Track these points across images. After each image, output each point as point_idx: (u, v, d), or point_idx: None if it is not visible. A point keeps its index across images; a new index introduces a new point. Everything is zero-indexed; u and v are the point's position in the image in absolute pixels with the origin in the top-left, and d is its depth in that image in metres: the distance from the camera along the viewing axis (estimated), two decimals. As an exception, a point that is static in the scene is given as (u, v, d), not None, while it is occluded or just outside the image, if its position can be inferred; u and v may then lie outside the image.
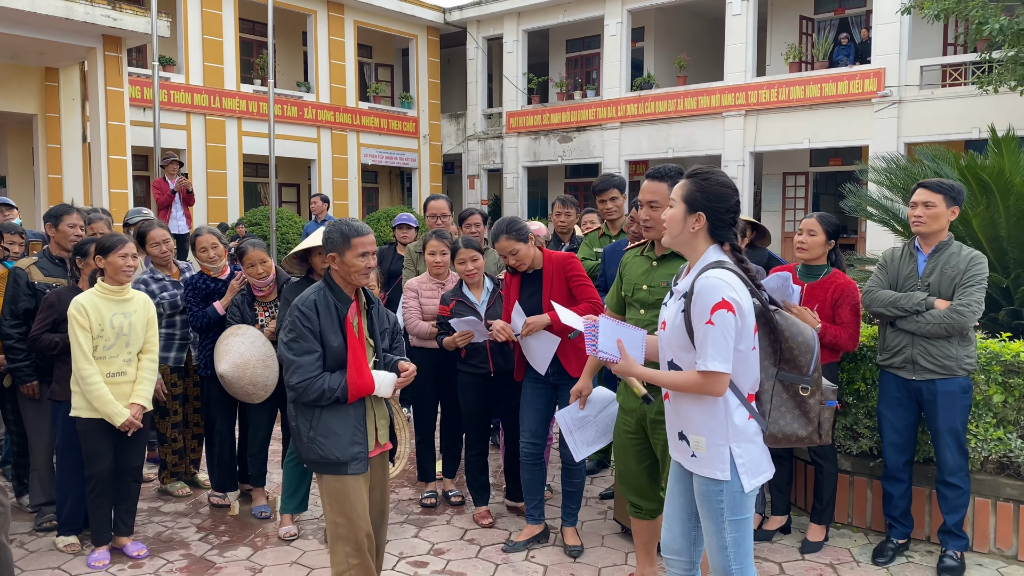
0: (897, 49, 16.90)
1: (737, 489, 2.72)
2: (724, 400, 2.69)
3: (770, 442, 2.77)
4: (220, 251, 5.07)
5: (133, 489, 4.45)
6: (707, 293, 2.62)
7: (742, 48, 18.90)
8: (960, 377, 4.06)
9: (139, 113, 16.19)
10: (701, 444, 2.74)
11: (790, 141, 18.54)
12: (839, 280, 4.36)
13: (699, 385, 2.65)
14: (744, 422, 2.72)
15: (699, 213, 2.75)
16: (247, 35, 20.44)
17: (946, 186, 4.11)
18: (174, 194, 11.31)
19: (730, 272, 2.67)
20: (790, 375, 2.74)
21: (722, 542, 2.77)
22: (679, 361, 2.78)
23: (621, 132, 21.11)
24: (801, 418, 2.76)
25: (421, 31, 23.29)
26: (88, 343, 4.17)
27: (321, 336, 3.25)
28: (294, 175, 22.13)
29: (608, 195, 5.42)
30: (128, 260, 4.26)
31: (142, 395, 4.34)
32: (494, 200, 24.25)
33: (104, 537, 4.35)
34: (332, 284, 3.32)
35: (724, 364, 2.60)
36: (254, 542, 4.61)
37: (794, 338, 2.72)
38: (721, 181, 2.78)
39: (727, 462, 2.70)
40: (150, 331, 4.44)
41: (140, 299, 4.42)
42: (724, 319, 2.59)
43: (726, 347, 2.60)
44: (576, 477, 4.44)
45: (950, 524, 4.15)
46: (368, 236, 3.28)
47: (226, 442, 5.09)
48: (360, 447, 3.33)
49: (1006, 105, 14.52)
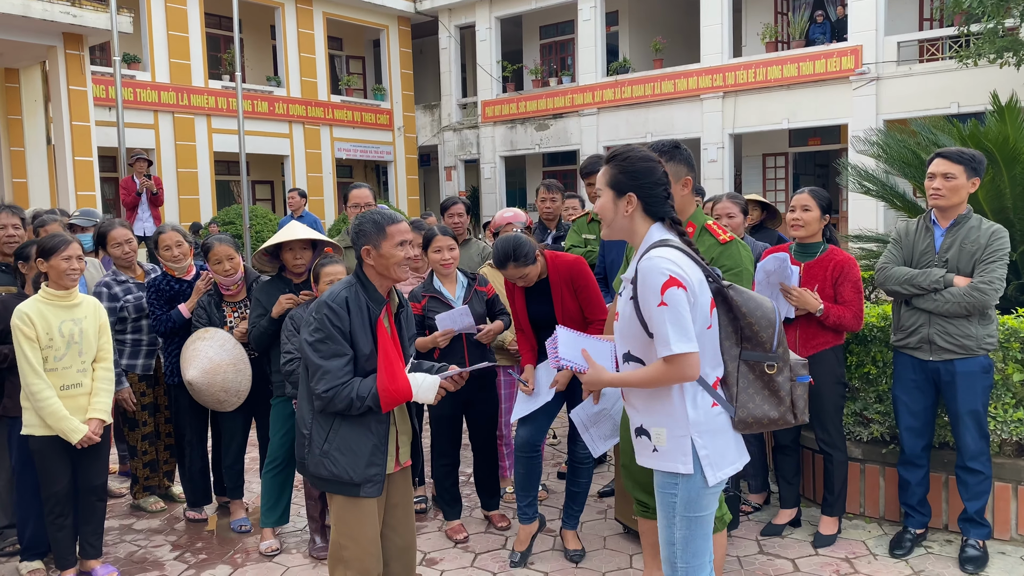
0: (874, 25, 16.75)
1: (699, 484, 2.52)
2: (680, 386, 2.49)
3: (740, 428, 2.57)
4: (185, 250, 4.75)
5: (98, 508, 4.11)
6: (651, 274, 2.43)
7: (718, 29, 18.68)
8: (980, 356, 3.83)
9: (104, 113, 15.72)
10: (662, 436, 2.55)
11: (769, 122, 18.37)
12: (837, 257, 4.11)
13: (669, 373, 2.44)
14: (707, 409, 2.52)
15: (628, 195, 2.58)
16: (214, 30, 19.95)
17: (967, 156, 3.85)
18: (140, 195, 10.94)
19: (673, 249, 2.49)
20: (753, 353, 2.55)
21: (671, 537, 2.60)
22: (637, 352, 2.57)
23: (598, 118, 20.86)
24: (771, 398, 2.56)
25: (392, 21, 22.89)
26: (36, 355, 3.82)
27: (352, 338, 2.91)
28: (267, 172, 21.70)
29: (593, 178, 5.16)
30: (72, 263, 3.88)
31: (100, 408, 3.98)
32: (472, 191, 23.93)
33: (68, 561, 4.02)
34: (365, 281, 2.97)
35: (688, 343, 2.40)
36: (233, 559, 4.31)
37: (752, 313, 2.52)
38: (642, 156, 2.61)
39: (689, 454, 2.50)
40: (103, 337, 4.08)
41: (89, 304, 4.06)
42: (675, 296, 2.40)
43: (685, 325, 2.40)
44: (583, 476, 4.17)
45: (972, 512, 3.94)
46: (403, 224, 2.97)
47: (197, 453, 4.78)
48: (378, 468, 2.99)
49: (985, 78, 14.39)
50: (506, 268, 3.92)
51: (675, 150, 3.25)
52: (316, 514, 4.34)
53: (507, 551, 4.27)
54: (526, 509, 4.20)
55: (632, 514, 4.19)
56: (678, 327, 2.39)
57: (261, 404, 4.63)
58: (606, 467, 5.45)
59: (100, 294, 4.69)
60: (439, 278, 4.44)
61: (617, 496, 4.44)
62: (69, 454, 3.95)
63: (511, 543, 4.37)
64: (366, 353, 2.93)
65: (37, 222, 5.04)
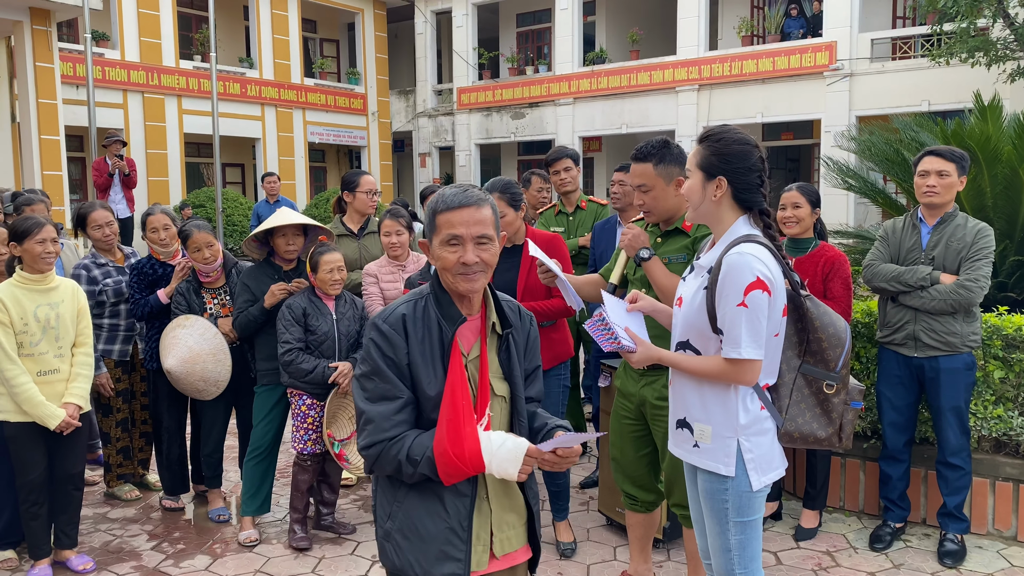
0: (848, 22, 16.90)
1: (744, 488, 2.45)
2: (736, 387, 2.42)
3: (784, 440, 2.49)
4: (172, 233, 4.64)
5: (74, 498, 4.00)
6: (739, 271, 2.32)
7: (694, 22, 18.73)
8: (964, 354, 3.87)
9: (72, 91, 15.39)
10: (706, 434, 2.47)
11: (743, 115, 18.46)
12: (828, 253, 4.12)
13: (728, 373, 2.37)
14: (756, 413, 2.44)
15: (719, 178, 2.45)
16: (185, 9, 19.59)
17: (957, 154, 3.88)
18: (111, 176, 10.72)
19: (762, 247, 2.37)
20: (815, 369, 2.46)
21: (726, 544, 2.52)
22: (696, 343, 2.49)
23: (574, 108, 20.84)
24: (822, 417, 2.48)
25: (367, 5, 22.64)
26: (10, 340, 3.71)
27: (411, 372, 2.05)
28: (238, 155, 21.40)
29: (561, 164, 5.16)
30: (47, 246, 3.78)
31: (77, 393, 3.88)
32: (446, 178, 23.81)
33: (42, 551, 3.92)
34: (438, 290, 2.11)
35: (758, 351, 2.33)
36: (212, 549, 4.25)
37: (824, 329, 2.43)
38: (738, 138, 2.47)
39: (733, 456, 2.43)
40: (82, 322, 3.97)
41: (67, 287, 3.94)
42: (758, 300, 2.31)
43: (760, 331, 2.33)
44: (560, 478, 4.12)
45: (951, 506, 3.99)
46: (465, 210, 2.04)
47: (175, 441, 4.69)
48: (457, 564, 2.03)
49: (956, 77, 14.61)
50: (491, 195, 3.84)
51: (664, 149, 3.15)
52: (300, 505, 4.28)
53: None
54: None
55: (617, 506, 4.20)
56: (752, 332, 2.32)
57: (242, 392, 4.56)
58: (586, 458, 5.45)
59: (79, 276, 4.58)
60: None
61: (601, 488, 4.44)
62: (45, 441, 3.86)
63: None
64: (431, 395, 2.05)
65: (21, 200, 4.89)
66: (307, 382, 4.11)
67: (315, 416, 4.20)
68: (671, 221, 3.25)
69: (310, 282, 4.18)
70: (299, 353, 4.08)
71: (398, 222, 4.65)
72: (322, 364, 4.12)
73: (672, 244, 3.25)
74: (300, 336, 4.10)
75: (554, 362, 3.91)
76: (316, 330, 4.14)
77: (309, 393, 4.17)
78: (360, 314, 4.35)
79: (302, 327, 4.11)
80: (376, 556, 4.12)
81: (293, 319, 4.06)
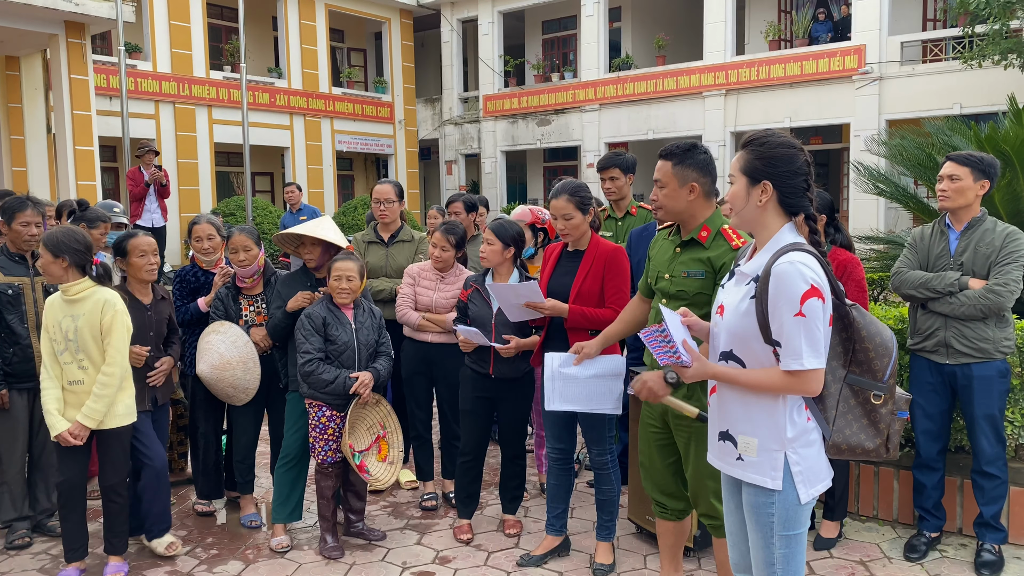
0: (877, 25, 16.72)
1: (792, 501, 2.40)
2: (784, 399, 2.38)
3: (832, 452, 2.45)
4: (216, 243, 4.71)
5: (112, 508, 4.02)
6: (793, 280, 2.28)
7: (721, 27, 18.64)
8: (997, 360, 3.83)
9: (105, 102, 15.62)
10: (752, 447, 2.43)
11: (771, 120, 18.31)
12: (840, 257, 4.11)
13: (790, 385, 2.33)
14: (803, 425, 2.40)
15: (764, 183, 2.42)
16: (215, 20, 19.83)
17: (974, 158, 3.86)
18: (148, 186, 10.89)
19: (809, 255, 2.34)
20: (861, 379, 2.41)
21: (770, 558, 2.47)
22: (741, 353, 2.45)
23: (600, 114, 20.80)
24: (869, 428, 2.43)
25: (394, 14, 22.79)
26: (47, 346, 3.84)
27: None
28: (267, 163, 21.61)
29: (608, 174, 5.11)
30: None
31: (86, 413, 3.80)
32: (472, 185, 23.87)
33: (75, 554, 3.97)
34: None
35: (819, 359, 2.30)
36: (245, 555, 4.29)
37: (871, 338, 2.39)
38: (782, 142, 2.43)
39: (780, 469, 2.39)
40: (107, 338, 3.82)
41: (95, 300, 3.83)
42: (814, 308, 2.27)
43: (819, 339, 2.29)
44: (605, 483, 4.04)
45: (987, 516, 3.93)
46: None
47: (211, 446, 4.76)
48: None
49: (988, 80, 14.41)
50: (557, 198, 3.86)
51: (688, 152, 3.16)
52: (327, 513, 4.31)
53: (520, 550, 4.25)
54: (554, 521, 4.16)
55: (647, 515, 4.18)
56: (812, 341, 2.28)
57: (273, 399, 4.61)
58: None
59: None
60: (492, 274, 4.33)
61: (631, 496, 4.42)
62: (85, 448, 3.91)
63: (523, 542, 4.35)
64: None
65: (91, 214, 5.01)
66: (328, 393, 4.12)
67: (335, 428, 4.21)
68: (688, 229, 3.25)
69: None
70: (319, 363, 4.10)
71: (447, 239, 4.65)
72: (343, 374, 4.14)
73: (689, 255, 3.23)
74: (320, 346, 4.12)
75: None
76: (336, 340, 4.16)
77: (328, 404, 4.19)
78: (379, 323, 4.37)
79: (322, 337, 4.14)
80: (407, 562, 4.14)
81: (313, 328, 4.09)
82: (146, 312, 4.21)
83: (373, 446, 4.38)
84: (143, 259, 4.13)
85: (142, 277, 4.17)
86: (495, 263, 4.25)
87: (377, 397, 4.36)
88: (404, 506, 4.93)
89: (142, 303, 4.21)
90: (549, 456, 4.17)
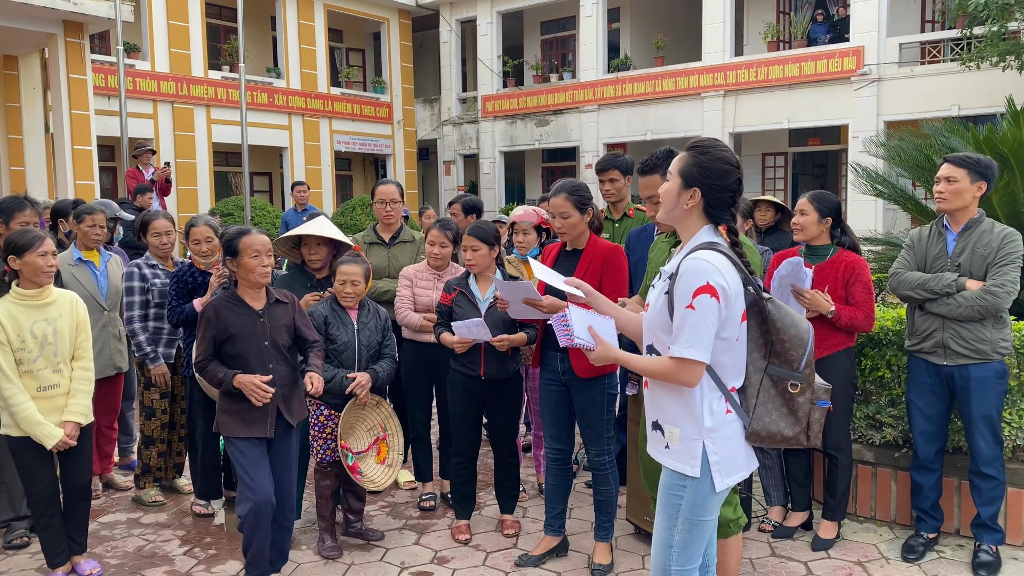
0: (876, 27, 16.75)
1: (706, 488, 2.51)
2: (701, 390, 2.48)
3: (752, 440, 2.55)
4: (215, 245, 4.72)
5: (81, 507, 4.02)
6: (692, 275, 2.40)
7: (720, 27, 18.66)
8: (995, 362, 3.84)
9: (104, 102, 15.62)
10: (675, 436, 2.54)
11: (769, 121, 18.37)
12: (848, 259, 4.12)
13: (671, 372, 2.43)
14: (722, 416, 2.50)
15: (694, 189, 2.53)
16: (214, 20, 19.83)
17: (971, 160, 3.87)
18: (152, 184, 10.88)
19: (721, 255, 2.44)
20: (780, 370, 2.51)
21: (668, 539, 2.58)
22: (658, 345, 2.56)
23: (599, 115, 20.82)
24: (788, 416, 2.53)
25: (392, 14, 22.79)
26: (7, 358, 3.68)
27: None
28: (265, 163, 21.60)
29: (607, 175, 5.10)
30: (48, 259, 3.74)
31: (76, 410, 3.84)
32: (470, 186, 23.88)
33: (58, 559, 3.96)
34: None
35: (701, 352, 2.39)
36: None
37: (786, 330, 2.49)
38: (722, 156, 2.53)
39: (698, 458, 2.49)
40: (81, 335, 3.91)
41: (65, 300, 3.87)
42: (706, 305, 2.37)
43: (705, 334, 2.38)
44: (603, 484, 4.05)
45: (985, 517, 3.94)
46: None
47: (209, 447, 4.76)
48: None
49: (986, 81, 14.44)
50: (556, 196, 3.91)
51: (669, 159, 3.22)
52: (326, 513, 4.31)
53: (518, 551, 4.25)
54: (552, 521, 4.17)
55: (645, 515, 4.19)
56: (696, 333, 2.38)
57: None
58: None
59: (132, 274, 4.77)
60: (474, 276, 4.37)
61: (629, 496, 4.43)
62: (50, 453, 3.85)
63: (521, 543, 4.36)
64: None
65: (83, 208, 5.01)
66: (325, 392, 4.12)
67: (334, 427, 4.21)
68: None
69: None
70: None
71: (444, 234, 4.65)
72: (340, 374, 4.14)
73: None
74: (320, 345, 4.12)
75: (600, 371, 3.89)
76: (336, 339, 4.16)
77: (327, 403, 4.19)
78: (383, 324, 4.37)
79: (323, 336, 4.14)
80: (404, 562, 4.15)
81: (314, 327, 4.10)
82: (257, 319, 3.68)
83: (372, 447, 4.38)
84: (256, 260, 3.61)
85: (255, 280, 3.64)
86: (484, 267, 4.27)
87: (378, 399, 4.36)
88: (402, 506, 4.93)
89: (253, 309, 3.69)
90: (547, 456, 4.17)
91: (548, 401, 4.08)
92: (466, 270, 4.41)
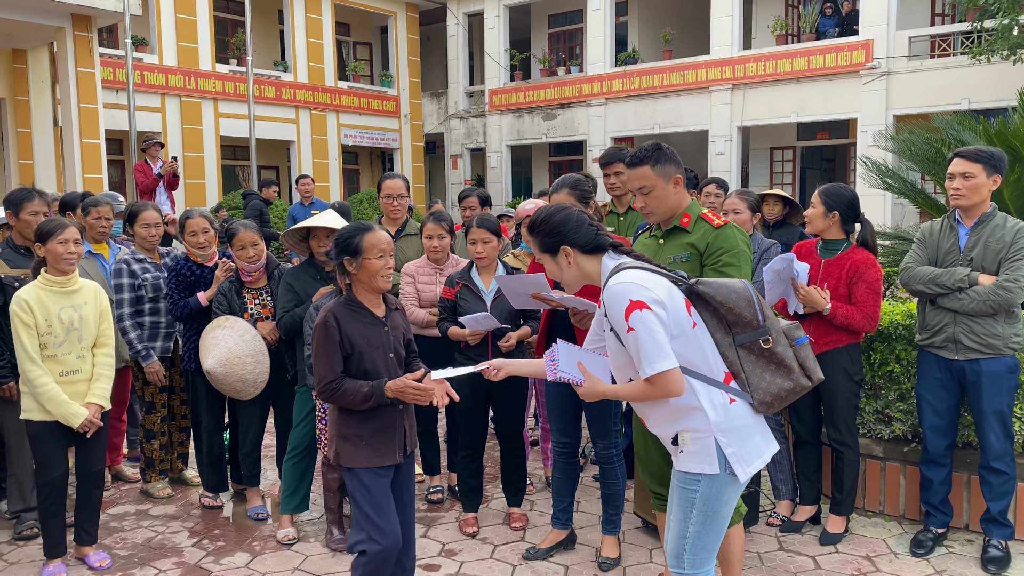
0: (885, 20, 16.67)
1: (724, 481, 2.55)
2: (691, 390, 2.52)
3: (763, 409, 2.61)
4: (211, 236, 4.72)
5: (94, 496, 4.06)
6: (615, 304, 2.50)
7: (728, 21, 18.59)
8: (1006, 356, 3.82)
9: (112, 95, 15.64)
10: (687, 439, 2.58)
11: (778, 115, 18.29)
12: (855, 256, 4.07)
13: (653, 392, 2.49)
14: (725, 407, 2.54)
15: (563, 248, 2.70)
16: (221, 14, 19.85)
17: (984, 154, 3.83)
18: (160, 178, 10.90)
19: (630, 271, 2.55)
20: (744, 335, 2.59)
21: (683, 531, 2.64)
22: (635, 377, 2.61)
23: (606, 108, 20.78)
24: (779, 371, 2.60)
25: (400, 8, 22.78)
26: (33, 342, 3.77)
27: None
28: (273, 157, 21.63)
29: (612, 169, 5.08)
30: (70, 247, 3.83)
31: (99, 394, 3.94)
32: (477, 180, 23.86)
33: (58, 549, 3.96)
34: None
35: (664, 361, 2.43)
36: (252, 547, 4.30)
37: (727, 299, 2.57)
38: (553, 211, 2.73)
39: (713, 454, 2.54)
40: (104, 323, 4.02)
41: (90, 289, 4.00)
42: (642, 319, 2.44)
43: (659, 344, 2.44)
44: (610, 477, 4.05)
45: (995, 512, 3.92)
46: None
47: (215, 440, 4.77)
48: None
49: (996, 75, 14.35)
50: (559, 191, 3.99)
51: (658, 152, 3.30)
52: (334, 506, 4.32)
53: (526, 544, 4.26)
54: (559, 515, 4.17)
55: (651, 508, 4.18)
56: (650, 347, 2.43)
57: (279, 392, 4.61)
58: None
59: (120, 271, 4.72)
60: (477, 268, 4.39)
61: (636, 490, 4.42)
62: (67, 440, 3.92)
63: (529, 535, 4.36)
64: None
65: (89, 201, 5.02)
66: None
67: None
68: (670, 221, 3.39)
69: None
70: None
71: (440, 226, 4.66)
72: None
73: (674, 242, 3.37)
74: None
75: None
76: None
77: None
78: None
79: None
80: (412, 556, 4.15)
81: None
82: (382, 327, 3.18)
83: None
84: (381, 261, 3.08)
85: (377, 285, 3.12)
86: (494, 259, 4.35)
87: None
88: (410, 499, 4.93)
89: (377, 316, 3.18)
90: (554, 450, 4.17)
91: (555, 395, 4.07)
92: (468, 263, 4.41)
